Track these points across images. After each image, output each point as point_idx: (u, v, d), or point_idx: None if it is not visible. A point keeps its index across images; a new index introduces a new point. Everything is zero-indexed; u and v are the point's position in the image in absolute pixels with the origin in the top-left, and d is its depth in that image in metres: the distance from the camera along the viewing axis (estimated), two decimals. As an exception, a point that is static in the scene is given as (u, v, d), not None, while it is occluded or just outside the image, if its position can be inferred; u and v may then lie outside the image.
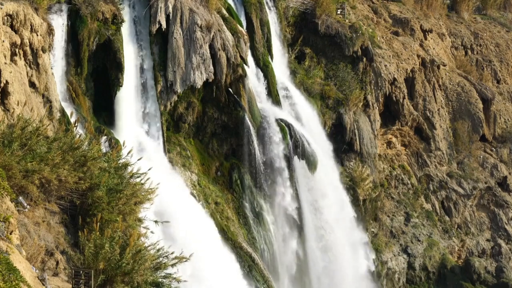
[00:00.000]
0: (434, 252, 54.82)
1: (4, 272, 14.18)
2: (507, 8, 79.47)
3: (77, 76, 36.07)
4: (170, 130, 40.59)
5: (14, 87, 28.51)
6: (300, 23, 52.33)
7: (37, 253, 18.47)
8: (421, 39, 62.45)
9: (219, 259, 36.89)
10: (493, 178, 60.86)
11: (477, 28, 71.65)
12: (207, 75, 40.16)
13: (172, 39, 39.54)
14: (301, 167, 44.71)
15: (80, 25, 35.66)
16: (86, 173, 21.31)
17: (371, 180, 51.68)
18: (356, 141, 50.69)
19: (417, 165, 58.33)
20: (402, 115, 56.72)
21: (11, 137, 20.27)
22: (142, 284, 19.22)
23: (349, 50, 51.76)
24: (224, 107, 42.12)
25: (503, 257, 57.84)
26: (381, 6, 63.71)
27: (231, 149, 43.04)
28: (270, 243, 42.60)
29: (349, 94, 50.91)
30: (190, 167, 40.70)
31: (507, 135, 64.33)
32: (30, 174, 19.80)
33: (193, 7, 40.50)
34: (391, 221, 54.47)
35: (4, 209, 17.03)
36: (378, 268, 51.32)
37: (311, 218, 45.60)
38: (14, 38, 29.91)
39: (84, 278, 18.17)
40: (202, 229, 37.17)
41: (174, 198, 35.50)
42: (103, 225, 20.01)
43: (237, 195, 42.41)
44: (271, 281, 41.05)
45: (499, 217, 59.72)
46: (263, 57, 46.13)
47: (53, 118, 31.60)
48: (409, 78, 58.18)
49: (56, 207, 21.09)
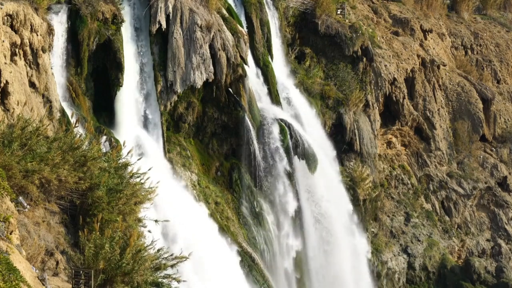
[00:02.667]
0: (434, 252, 54.81)
1: (4, 272, 14.18)
2: (507, 8, 79.47)
3: (77, 76, 36.05)
4: (170, 130, 40.58)
5: (14, 87, 28.51)
6: (300, 23, 52.31)
7: (37, 253, 18.46)
8: (421, 39, 62.44)
9: (221, 259, 36.89)
10: (493, 178, 60.85)
11: (477, 28, 71.64)
12: (207, 75, 40.15)
13: (172, 39, 39.54)
14: (301, 167, 44.69)
15: (80, 25, 35.65)
16: (86, 173, 21.30)
17: (371, 180, 51.67)
18: (356, 141, 50.68)
19: (417, 165, 58.32)
20: (402, 115, 56.72)
21: (11, 137, 20.26)
22: (142, 284, 19.22)
23: (349, 50, 51.75)
24: (224, 107, 42.10)
25: (503, 257, 57.83)
26: (381, 6, 63.71)
27: (231, 149, 43.03)
28: (270, 243, 42.58)
29: (349, 94, 50.90)
30: (190, 167, 40.69)
31: (507, 135, 64.32)
32: (30, 174, 19.78)
33: (193, 7, 40.50)
34: (391, 221, 54.47)
35: (4, 209, 17.02)
36: (378, 268, 51.32)
37: (311, 218, 45.60)
38: (14, 38, 29.90)
39: (84, 278, 18.17)
40: (202, 229, 37.15)
41: (174, 198, 35.49)
42: (103, 225, 20.00)
43: (237, 195, 42.40)
44: (271, 281, 41.04)
45: (499, 217, 59.71)
46: (263, 57, 46.11)
47: (53, 118, 31.59)
48: (409, 78, 58.18)
49: (56, 207, 21.08)
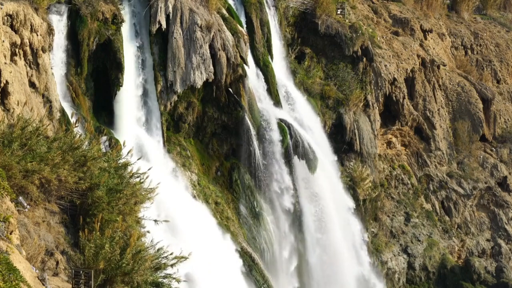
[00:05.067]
0: (434, 252, 54.81)
1: (4, 272, 14.17)
2: (507, 8, 79.50)
3: (77, 76, 36.05)
4: (170, 130, 40.59)
5: (14, 87, 28.52)
6: (300, 23, 52.31)
7: (37, 253, 18.44)
8: (421, 39, 62.44)
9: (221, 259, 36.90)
10: (493, 178, 60.85)
11: (477, 28, 71.64)
12: (207, 75, 40.15)
13: (172, 39, 39.54)
14: (301, 167, 44.69)
15: (80, 25, 35.66)
16: (86, 173, 21.27)
17: (371, 180, 51.67)
18: (356, 141, 50.68)
19: (417, 165, 58.31)
20: (402, 115, 56.71)
21: (11, 137, 20.24)
22: (142, 284, 19.20)
23: (349, 50, 51.75)
24: (224, 107, 42.10)
25: (503, 257, 57.83)
26: (381, 6, 63.71)
27: (231, 149, 43.04)
28: (270, 243, 42.58)
29: (349, 94, 50.90)
30: (190, 167, 40.70)
31: (507, 135, 64.33)
32: (30, 174, 19.76)
33: (193, 7, 40.50)
34: (391, 221, 54.46)
35: (4, 209, 17.02)
36: (378, 268, 51.31)
37: (311, 218, 45.60)
38: (14, 38, 29.91)
39: (84, 278, 18.15)
40: (202, 229, 37.16)
41: (174, 198, 35.49)
42: (103, 225, 19.97)
43: (237, 195, 42.40)
44: (271, 281, 41.04)
45: (499, 217, 59.70)
46: (263, 57, 46.10)
47: (53, 118, 31.60)
48: (409, 78, 58.18)
49: (56, 207, 21.06)
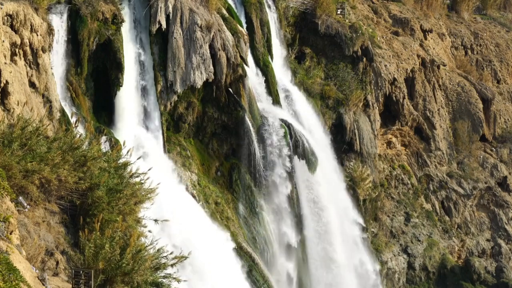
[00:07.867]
0: (434, 252, 54.81)
1: (4, 272, 14.17)
2: (507, 8, 79.50)
3: (77, 76, 36.06)
4: (170, 130, 40.59)
5: (14, 87, 28.52)
6: (300, 23, 52.31)
7: (37, 253, 18.44)
8: (421, 39, 62.44)
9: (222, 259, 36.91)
10: (493, 178, 60.85)
11: (477, 28, 71.64)
12: (207, 75, 40.15)
13: (172, 39, 39.54)
14: (301, 167, 44.69)
15: (80, 25, 35.66)
16: (86, 173, 21.27)
17: (371, 180, 51.67)
18: (356, 141, 50.68)
19: (417, 165, 58.31)
20: (402, 115, 56.71)
21: (11, 137, 20.24)
22: (142, 284, 19.19)
23: (349, 50, 51.75)
24: (224, 107, 42.10)
25: (503, 257, 57.83)
26: (381, 6, 63.71)
27: (231, 149, 43.04)
28: (270, 243, 42.59)
29: (349, 94, 50.90)
30: (190, 167, 40.70)
31: (507, 135, 64.32)
32: (30, 174, 19.76)
33: (193, 7, 40.50)
34: (391, 221, 54.46)
35: (4, 209, 17.01)
36: (378, 268, 51.31)
37: (311, 218, 45.60)
38: (14, 38, 29.91)
39: (84, 278, 18.15)
40: (202, 229, 37.17)
41: (174, 198, 35.49)
42: (103, 225, 19.97)
43: (237, 195, 42.41)
44: (271, 281, 41.04)
45: (499, 217, 59.70)
46: (263, 57, 46.10)
47: (53, 118, 31.60)
48: (409, 78, 58.18)
49: (56, 207, 21.06)
